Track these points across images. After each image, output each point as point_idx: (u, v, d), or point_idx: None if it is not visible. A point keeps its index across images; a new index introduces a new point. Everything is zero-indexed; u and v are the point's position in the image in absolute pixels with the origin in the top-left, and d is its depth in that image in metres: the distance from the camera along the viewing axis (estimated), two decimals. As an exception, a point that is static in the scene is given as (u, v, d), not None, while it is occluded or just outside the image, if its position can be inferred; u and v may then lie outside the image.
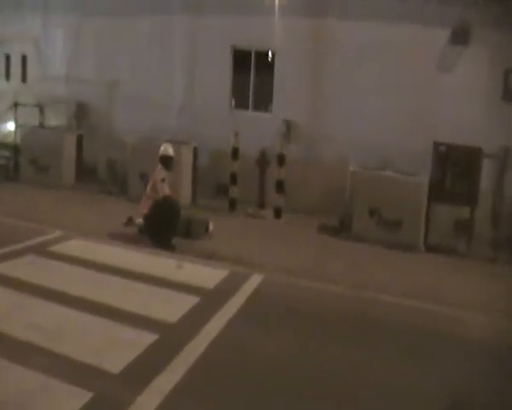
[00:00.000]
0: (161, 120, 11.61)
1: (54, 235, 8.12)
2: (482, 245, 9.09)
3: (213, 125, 11.06)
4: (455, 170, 8.99)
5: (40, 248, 7.41)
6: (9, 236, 7.82)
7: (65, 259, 7.02)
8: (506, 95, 9.56)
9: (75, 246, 7.70)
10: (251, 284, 6.65)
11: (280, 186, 10.04)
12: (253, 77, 11.37)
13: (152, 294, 6.11)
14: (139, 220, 8.22)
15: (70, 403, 3.84)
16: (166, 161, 8.19)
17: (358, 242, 8.94)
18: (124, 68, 12.27)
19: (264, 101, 11.40)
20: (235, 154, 10.25)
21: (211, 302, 5.94)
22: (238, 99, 11.65)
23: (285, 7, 10.56)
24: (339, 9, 10.33)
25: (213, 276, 6.84)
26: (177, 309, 5.65)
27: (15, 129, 12.57)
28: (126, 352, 4.66)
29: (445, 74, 9.66)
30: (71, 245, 7.73)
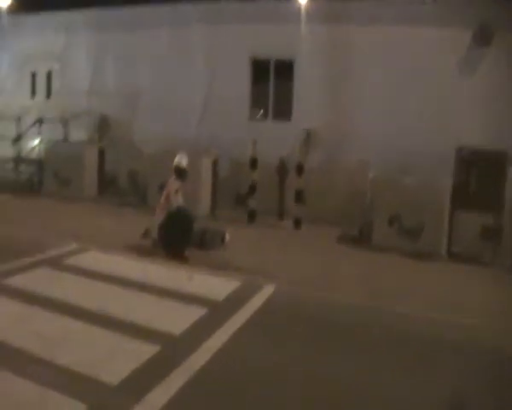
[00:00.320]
0: (181, 131, 11.69)
1: (70, 247, 8.17)
2: (509, 254, 8.69)
3: (233, 134, 11.03)
4: (479, 175, 8.67)
5: (55, 260, 7.45)
6: (26, 248, 7.90)
7: (78, 271, 7.03)
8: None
9: (89, 258, 7.73)
10: (262, 296, 6.50)
11: (299, 196, 9.89)
12: (273, 86, 11.29)
13: (159, 305, 6.04)
14: (154, 234, 8.18)
15: (63, 416, 3.79)
16: (180, 172, 8.17)
17: (378, 251, 8.70)
18: (144, 80, 12.46)
19: (283, 110, 11.29)
20: (253, 164, 10.16)
21: (218, 314, 5.82)
22: (257, 108, 11.56)
23: (303, 15, 10.45)
24: (358, 15, 10.21)
25: (224, 287, 6.72)
26: (183, 321, 5.55)
27: (39, 144, 12.81)
28: (126, 364, 4.59)
29: (468, 76, 9.36)
30: (85, 257, 7.75)
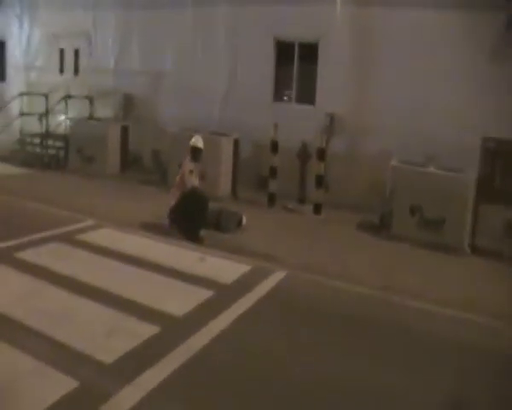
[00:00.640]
0: (205, 111, 11.60)
1: (86, 223, 8.22)
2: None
3: (256, 116, 10.88)
4: (506, 167, 8.30)
5: (68, 236, 7.50)
6: (42, 223, 8.00)
7: (89, 248, 7.05)
8: None
9: (103, 235, 7.74)
10: (271, 281, 6.38)
11: (320, 181, 9.68)
12: (297, 69, 11.06)
13: (166, 286, 6.00)
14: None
15: (53, 390, 3.81)
16: (195, 153, 8.08)
17: (398, 241, 8.42)
18: (169, 60, 12.40)
19: (307, 93, 11.06)
20: (274, 147, 10.00)
21: (224, 298, 5.73)
22: (281, 91, 11.37)
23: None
24: (385, -2, 9.84)
25: (234, 270, 6.63)
26: (187, 303, 5.50)
27: (66, 120, 12.93)
28: (123, 343, 4.57)
29: (496, 64, 8.90)
30: (99, 234, 7.77)
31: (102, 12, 13.30)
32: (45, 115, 12.78)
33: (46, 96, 12.96)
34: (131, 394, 3.85)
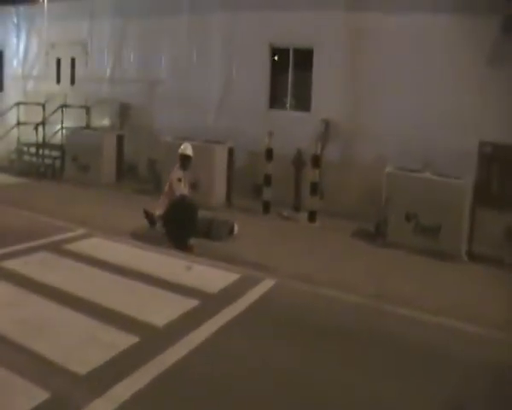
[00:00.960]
0: (200, 119, 11.52)
1: (76, 232, 8.15)
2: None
3: (251, 124, 10.80)
4: (504, 172, 8.13)
5: (57, 245, 7.43)
6: (33, 232, 7.94)
7: (76, 257, 6.97)
8: None
9: (92, 244, 7.65)
10: (259, 290, 6.23)
11: (314, 188, 9.54)
12: (292, 75, 10.95)
13: (150, 295, 5.88)
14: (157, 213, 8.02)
15: (23, 402, 3.71)
16: (184, 161, 8.01)
17: (394, 248, 8.25)
18: (164, 68, 12.37)
19: (302, 100, 10.95)
20: (269, 155, 9.88)
21: (208, 307, 5.60)
22: (276, 98, 11.27)
23: (324, 2, 10.09)
24: (381, 2, 9.70)
25: (222, 279, 6.50)
26: (170, 312, 5.37)
27: (62, 129, 12.89)
28: (99, 353, 4.45)
29: (494, 68, 8.74)
30: (88, 243, 7.69)
31: (98, 21, 13.29)
32: (42, 125, 12.74)
33: (43, 105, 12.94)
34: (102, 406, 3.73)
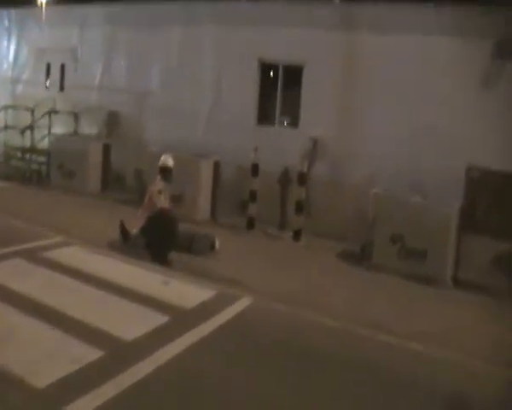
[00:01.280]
0: (189, 132, 11.39)
1: (53, 240, 7.97)
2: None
3: (239, 139, 10.64)
4: (491, 197, 8.03)
5: (32, 252, 7.23)
6: (10, 238, 7.75)
7: (51, 265, 6.80)
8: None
9: (69, 253, 7.47)
10: (234, 309, 6.04)
11: (300, 207, 9.40)
12: (280, 91, 10.87)
13: (121, 308, 5.70)
14: (134, 231, 7.86)
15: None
16: (165, 172, 7.88)
17: (378, 271, 8.12)
18: (154, 79, 12.28)
19: (290, 116, 10.88)
20: (254, 171, 9.75)
21: (179, 324, 5.42)
22: (264, 114, 11.18)
23: (314, 19, 10.04)
24: (371, 22, 9.65)
25: (196, 296, 6.32)
26: (139, 327, 5.19)
27: (48, 136, 12.74)
28: (60, 367, 4.28)
29: (483, 92, 8.67)
30: (65, 252, 7.50)
31: (89, 28, 13.21)
32: (30, 129, 12.60)
33: (32, 110, 12.80)
34: (55, 424, 3.54)
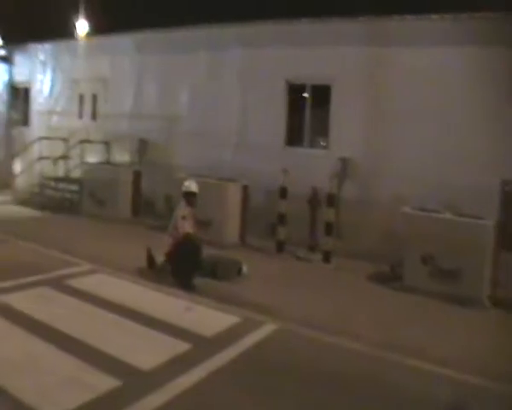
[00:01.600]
0: (217, 156, 11.43)
1: (81, 268, 8.03)
2: None
3: (267, 161, 10.61)
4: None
5: (58, 280, 7.30)
6: (39, 266, 7.86)
7: (75, 293, 6.83)
8: None
9: (95, 281, 7.50)
10: (258, 335, 5.88)
11: (329, 228, 9.21)
12: (309, 112, 10.77)
13: (142, 336, 5.63)
14: (160, 260, 7.84)
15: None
16: (189, 197, 7.84)
17: (409, 293, 7.84)
18: (182, 104, 12.39)
19: (319, 137, 10.76)
20: (283, 193, 9.64)
21: (200, 351, 5.30)
22: (293, 135, 11.08)
23: (340, 37, 9.95)
24: (399, 37, 9.50)
25: (220, 322, 6.19)
26: (158, 355, 5.10)
27: (81, 164, 12.99)
28: (76, 396, 4.22)
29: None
30: (91, 280, 7.54)
31: (119, 57, 13.50)
32: (63, 159, 12.88)
33: (66, 140, 13.10)
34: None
